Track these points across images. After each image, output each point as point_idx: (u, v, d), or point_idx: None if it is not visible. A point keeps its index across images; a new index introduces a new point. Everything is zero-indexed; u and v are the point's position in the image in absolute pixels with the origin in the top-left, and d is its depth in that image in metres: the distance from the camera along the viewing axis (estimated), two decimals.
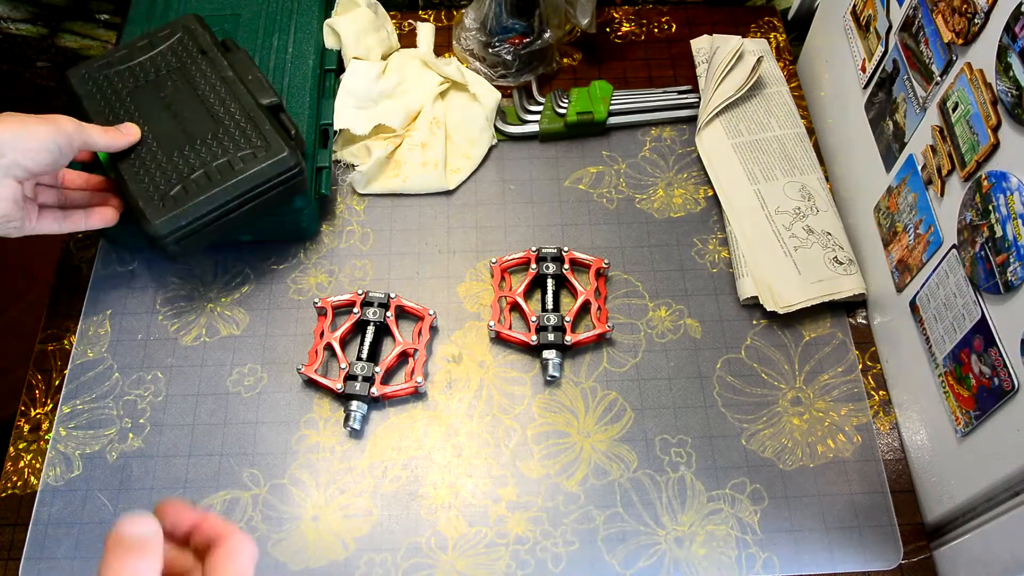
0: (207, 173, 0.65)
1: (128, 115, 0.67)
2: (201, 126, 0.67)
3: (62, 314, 0.73)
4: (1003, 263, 0.52)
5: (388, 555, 0.63)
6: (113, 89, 0.69)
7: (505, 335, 0.71)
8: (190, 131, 0.67)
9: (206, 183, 0.64)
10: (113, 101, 0.68)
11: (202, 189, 0.64)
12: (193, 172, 0.65)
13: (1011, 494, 0.55)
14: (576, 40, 0.90)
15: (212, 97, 0.68)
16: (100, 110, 0.68)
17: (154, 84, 0.69)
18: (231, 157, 0.66)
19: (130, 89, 0.69)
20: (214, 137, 0.66)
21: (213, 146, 0.66)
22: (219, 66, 0.70)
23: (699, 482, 0.66)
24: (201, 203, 0.64)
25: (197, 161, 0.65)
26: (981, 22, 0.54)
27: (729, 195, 0.78)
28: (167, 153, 0.66)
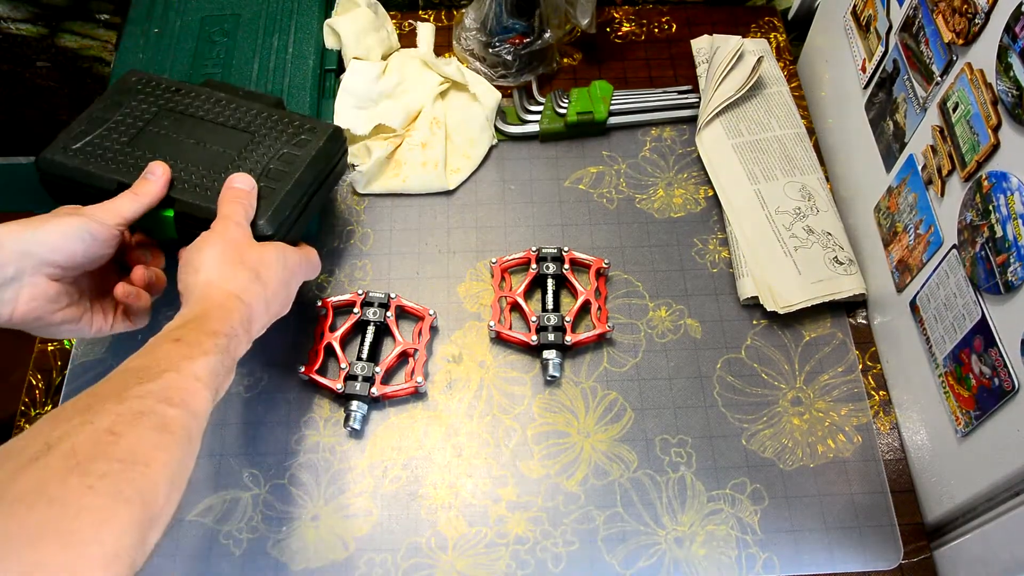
0: (275, 169, 0.63)
1: (144, 160, 0.62)
2: (233, 139, 0.65)
3: None
4: (1003, 263, 0.52)
5: (388, 555, 0.63)
6: (106, 148, 0.63)
7: (505, 335, 0.71)
8: (225, 149, 0.64)
9: (282, 175, 0.62)
10: (116, 158, 0.63)
11: (283, 180, 0.62)
12: (260, 174, 0.62)
13: (1011, 494, 0.55)
14: (576, 40, 0.90)
15: (221, 116, 0.66)
16: (108, 170, 0.62)
17: (148, 130, 0.65)
18: (286, 148, 0.64)
19: (125, 142, 0.64)
20: (252, 144, 0.65)
21: (260, 149, 0.64)
22: (203, 93, 0.67)
23: (699, 482, 0.66)
24: (292, 191, 0.62)
25: (257, 165, 0.63)
26: (981, 22, 0.54)
27: (729, 195, 0.78)
28: (219, 171, 0.62)
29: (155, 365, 0.46)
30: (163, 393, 0.44)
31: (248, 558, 0.63)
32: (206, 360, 0.48)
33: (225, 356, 0.50)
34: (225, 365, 0.50)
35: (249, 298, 0.54)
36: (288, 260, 0.59)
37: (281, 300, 0.58)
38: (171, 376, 0.45)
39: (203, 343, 0.48)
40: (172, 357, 0.47)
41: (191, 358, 0.47)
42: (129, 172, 0.61)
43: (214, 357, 0.48)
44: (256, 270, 0.55)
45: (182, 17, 0.81)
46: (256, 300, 0.54)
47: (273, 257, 0.57)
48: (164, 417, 0.43)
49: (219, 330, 0.50)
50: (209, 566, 0.63)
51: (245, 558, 0.63)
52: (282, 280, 0.58)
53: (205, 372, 0.47)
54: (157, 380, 0.45)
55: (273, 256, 0.57)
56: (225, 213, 0.57)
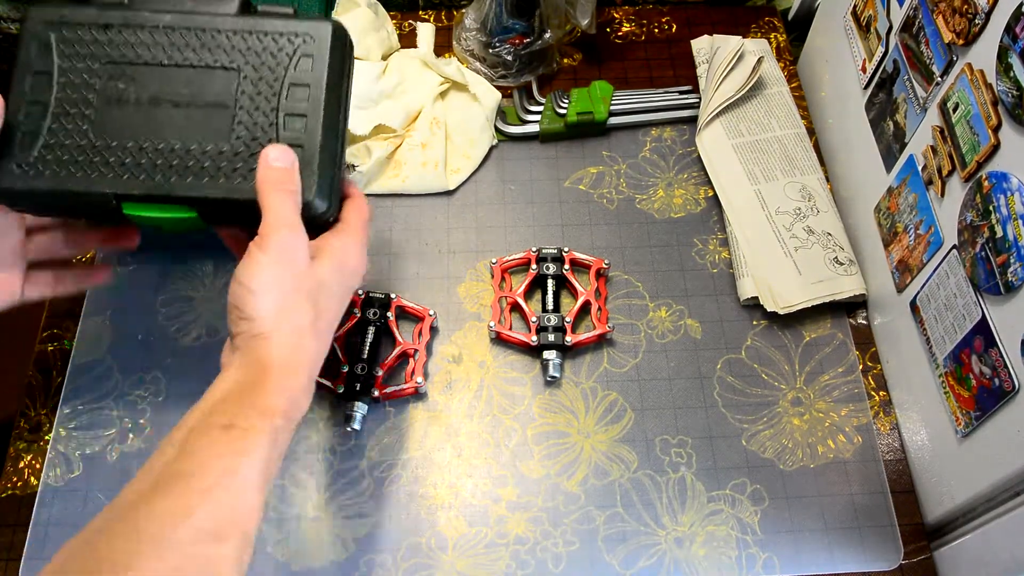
0: (290, 114, 0.50)
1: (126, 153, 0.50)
2: (217, 84, 0.50)
3: (62, 314, 0.73)
4: (1003, 264, 0.52)
5: (388, 555, 0.63)
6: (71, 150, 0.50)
7: (505, 335, 0.71)
8: (216, 102, 0.50)
9: (304, 120, 0.50)
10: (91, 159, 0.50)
11: (311, 128, 0.50)
12: (275, 126, 0.50)
13: (1011, 494, 0.55)
14: (576, 40, 0.90)
15: (186, 53, 0.51)
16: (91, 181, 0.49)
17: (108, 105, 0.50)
18: (290, 78, 0.50)
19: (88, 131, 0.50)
20: (244, 84, 0.50)
21: (258, 88, 0.50)
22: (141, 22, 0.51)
23: (699, 482, 0.66)
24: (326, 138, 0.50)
25: (266, 114, 0.50)
26: (982, 23, 0.54)
27: (729, 195, 0.78)
28: (224, 138, 0.50)
29: (201, 471, 0.38)
30: (213, 526, 0.37)
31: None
32: (260, 453, 0.40)
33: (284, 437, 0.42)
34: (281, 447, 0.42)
35: (311, 347, 0.45)
36: (348, 263, 0.48)
37: (343, 309, 0.49)
38: (222, 495, 0.38)
39: (259, 428, 0.40)
40: (223, 457, 0.39)
41: (246, 453, 0.39)
42: (117, 174, 0.49)
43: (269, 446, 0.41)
44: (314, 299, 0.46)
45: None
46: (316, 343, 0.46)
47: (331, 275, 0.47)
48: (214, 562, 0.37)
49: (277, 406, 0.42)
50: None
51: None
52: (343, 297, 0.49)
53: (259, 468, 0.39)
54: (205, 504, 0.37)
55: (331, 274, 0.47)
56: (273, 215, 0.46)
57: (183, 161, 0.50)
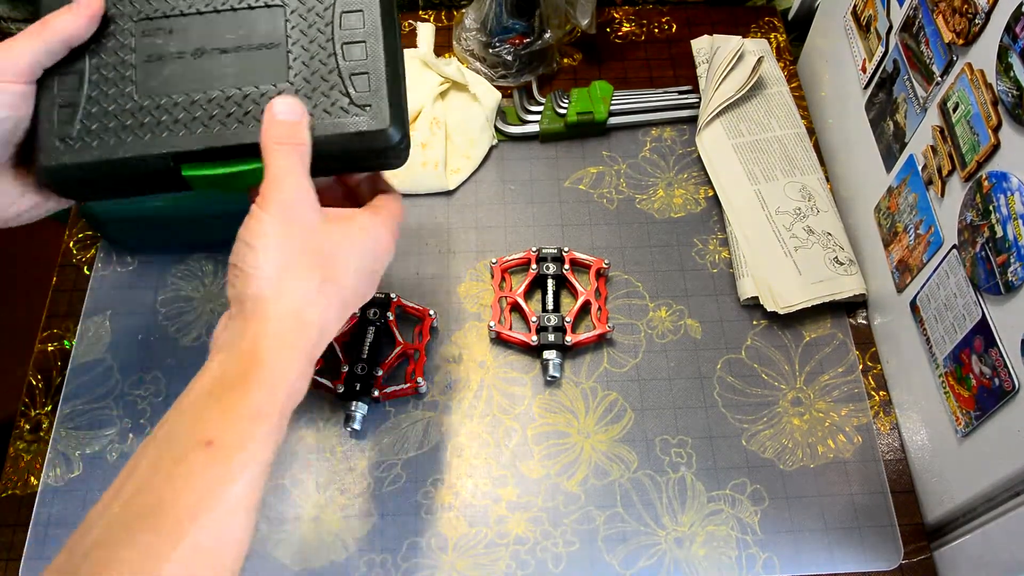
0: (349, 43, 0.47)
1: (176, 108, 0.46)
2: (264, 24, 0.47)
3: (62, 314, 0.73)
4: (1004, 263, 0.52)
5: (388, 555, 0.63)
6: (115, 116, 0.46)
7: (505, 335, 0.71)
8: (267, 43, 0.47)
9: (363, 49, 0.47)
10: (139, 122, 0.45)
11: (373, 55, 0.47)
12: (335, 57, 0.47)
13: (1011, 494, 0.55)
14: (576, 40, 0.90)
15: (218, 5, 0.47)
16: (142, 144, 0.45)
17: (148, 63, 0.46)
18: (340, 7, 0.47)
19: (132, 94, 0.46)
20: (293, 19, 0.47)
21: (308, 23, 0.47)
22: None
23: (699, 482, 0.66)
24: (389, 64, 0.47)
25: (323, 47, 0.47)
26: (982, 22, 0.53)
27: (729, 195, 0.78)
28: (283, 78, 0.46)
29: (172, 504, 0.32)
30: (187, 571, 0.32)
31: (248, 559, 0.63)
32: (249, 472, 0.34)
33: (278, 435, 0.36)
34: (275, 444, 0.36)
35: (312, 314, 0.39)
36: (375, 243, 0.43)
37: (361, 297, 0.43)
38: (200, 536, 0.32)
39: (245, 442, 0.34)
40: (204, 481, 0.33)
41: (230, 479, 0.33)
42: (172, 132, 0.45)
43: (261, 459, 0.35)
44: (327, 264, 0.40)
45: None
46: (328, 313, 0.40)
47: (352, 242, 0.42)
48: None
49: (268, 409, 0.35)
50: None
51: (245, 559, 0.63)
52: (366, 269, 0.43)
53: (247, 489, 0.34)
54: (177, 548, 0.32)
55: (352, 240, 0.42)
56: (276, 169, 0.41)
57: (241, 107, 0.46)
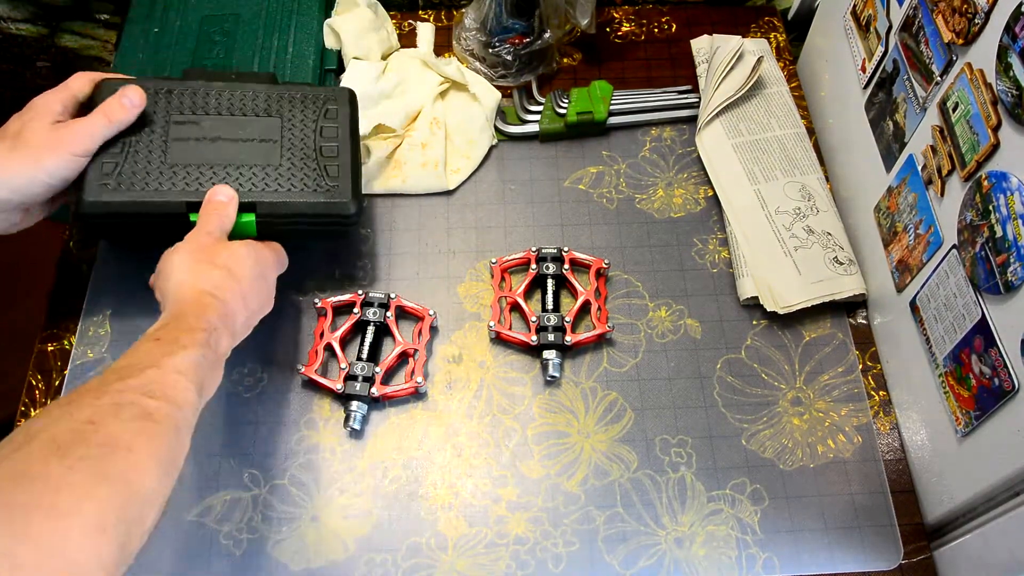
0: (326, 146, 0.65)
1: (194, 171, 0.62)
2: (264, 127, 0.65)
3: (62, 314, 0.73)
4: (1003, 263, 0.52)
5: (388, 555, 0.63)
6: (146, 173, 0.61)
7: (505, 335, 0.71)
8: (264, 138, 0.64)
9: (335, 150, 0.65)
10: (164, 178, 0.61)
11: (342, 155, 0.65)
12: (314, 154, 0.65)
13: (1011, 494, 0.55)
14: (576, 40, 0.90)
15: (235, 107, 0.65)
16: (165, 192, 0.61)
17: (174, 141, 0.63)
18: (321, 122, 0.66)
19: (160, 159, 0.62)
20: (285, 126, 0.65)
21: (296, 130, 0.65)
22: (198, 88, 0.65)
23: (699, 482, 0.66)
24: (353, 161, 0.66)
25: (304, 146, 0.65)
26: (981, 22, 0.54)
27: (729, 195, 0.78)
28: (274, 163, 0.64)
29: (136, 364, 0.47)
30: (144, 388, 0.45)
31: (248, 558, 0.63)
32: (186, 355, 0.49)
33: (207, 351, 0.50)
34: (208, 359, 0.50)
35: (224, 294, 0.54)
36: (260, 255, 0.60)
37: (259, 295, 0.59)
38: (152, 372, 0.46)
39: (181, 339, 0.49)
40: (153, 355, 0.48)
41: (171, 354, 0.48)
42: (187, 187, 0.61)
43: (194, 351, 0.49)
44: (228, 268, 0.56)
45: (182, 17, 0.81)
46: (232, 296, 0.55)
47: (244, 253, 0.58)
48: (145, 408, 0.44)
49: (196, 326, 0.51)
50: (209, 566, 0.63)
51: (245, 558, 0.63)
52: (257, 274, 0.59)
53: (187, 366, 0.48)
54: (138, 376, 0.46)
55: (244, 252, 0.58)
56: (199, 224, 0.59)
57: (243, 175, 0.63)
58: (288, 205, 0.63)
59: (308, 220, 0.64)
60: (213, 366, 0.52)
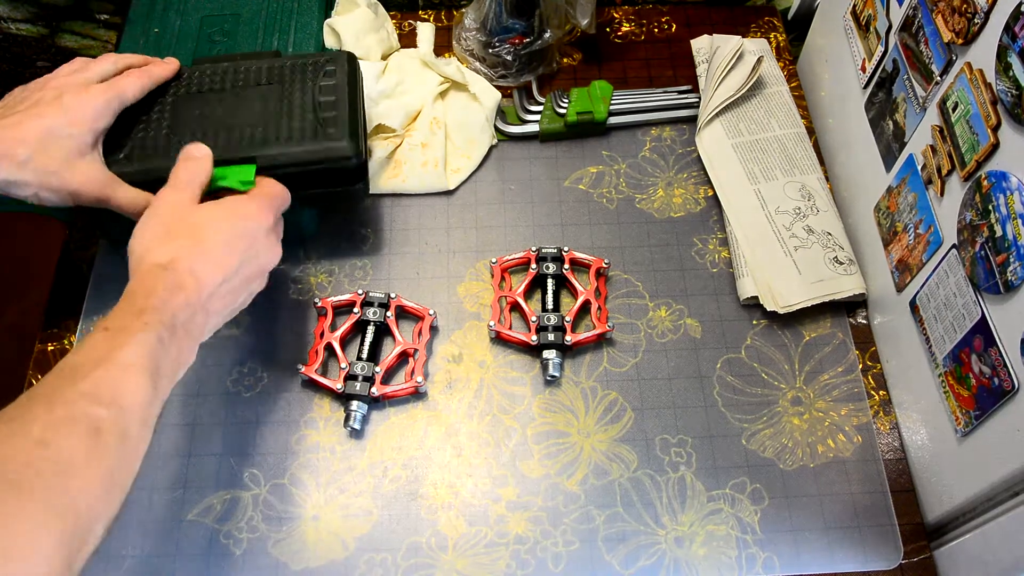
0: (324, 101, 0.67)
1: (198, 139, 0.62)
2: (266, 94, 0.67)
3: (62, 314, 0.73)
4: (1003, 263, 0.52)
5: (388, 555, 0.63)
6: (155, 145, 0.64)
7: (505, 335, 0.71)
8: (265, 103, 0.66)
9: (333, 104, 0.67)
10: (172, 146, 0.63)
11: (339, 106, 0.66)
12: (312, 111, 0.66)
13: (1011, 494, 0.55)
14: (576, 40, 0.90)
15: (239, 80, 0.68)
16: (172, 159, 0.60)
17: (181, 116, 0.66)
18: (321, 82, 0.68)
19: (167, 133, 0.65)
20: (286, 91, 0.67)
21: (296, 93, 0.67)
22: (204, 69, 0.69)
23: (699, 482, 0.66)
24: (351, 110, 0.67)
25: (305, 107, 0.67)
26: (981, 22, 0.54)
27: (729, 195, 0.78)
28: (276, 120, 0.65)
29: (86, 361, 0.45)
30: (93, 392, 0.43)
31: (248, 558, 0.63)
32: (136, 343, 0.46)
33: (162, 331, 0.48)
34: (163, 340, 0.47)
35: (181, 263, 0.51)
36: (237, 209, 0.56)
37: (244, 252, 0.55)
38: (100, 373, 0.44)
39: (130, 326, 0.47)
40: (101, 349, 0.46)
41: (121, 346, 0.46)
42: None
43: (146, 336, 0.46)
44: (193, 234, 0.53)
45: (182, 17, 0.81)
46: (195, 264, 0.51)
47: (214, 212, 0.55)
48: (95, 419, 0.42)
49: (146, 306, 0.48)
50: (209, 566, 0.63)
51: (245, 558, 0.63)
52: (234, 234, 0.54)
53: (137, 356, 0.46)
54: (87, 378, 0.44)
55: (214, 211, 0.55)
56: (172, 179, 0.57)
57: (244, 137, 0.65)
58: (287, 155, 0.64)
59: (308, 169, 0.65)
60: (173, 344, 0.48)
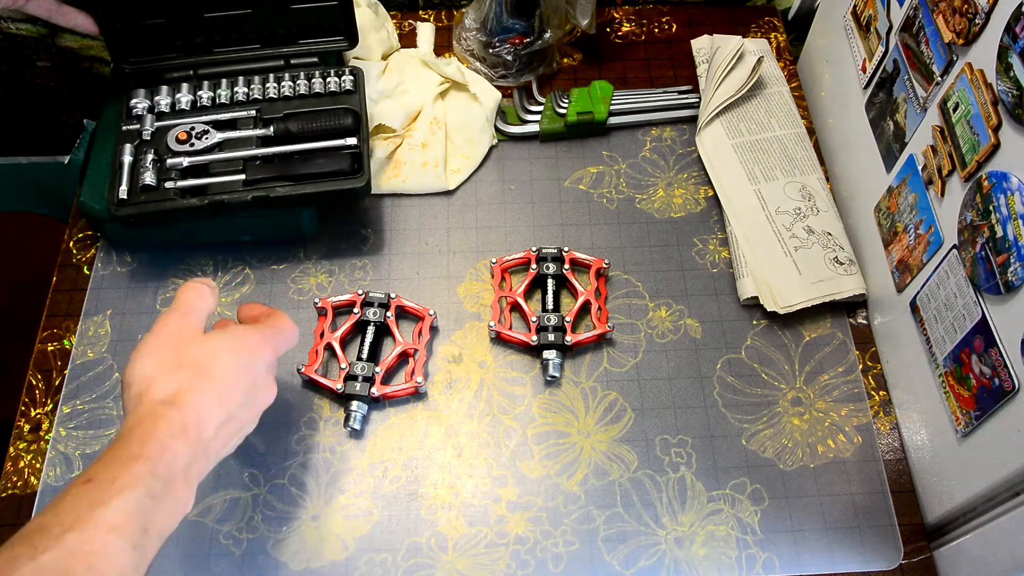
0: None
1: None
2: None
3: (62, 314, 0.73)
4: (1003, 263, 0.52)
5: (388, 555, 0.63)
6: None
7: (505, 335, 0.71)
8: None
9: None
10: None
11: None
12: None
13: (1011, 494, 0.55)
14: (576, 40, 0.90)
15: None
16: None
17: None
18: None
19: None
20: None
21: None
22: None
23: (699, 482, 0.66)
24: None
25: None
26: (982, 22, 0.54)
27: (729, 195, 0.78)
28: None
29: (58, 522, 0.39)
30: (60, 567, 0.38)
31: (248, 558, 0.63)
32: (121, 500, 0.41)
33: (155, 483, 0.43)
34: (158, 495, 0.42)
35: (187, 400, 0.47)
36: (243, 341, 0.52)
37: (245, 390, 0.51)
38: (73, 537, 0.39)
39: (119, 478, 0.41)
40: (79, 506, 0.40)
41: (102, 503, 0.40)
42: None
43: (133, 492, 0.41)
44: (199, 365, 0.49)
45: None
46: (200, 399, 0.47)
47: (221, 345, 0.51)
48: None
49: (139, 453, 0.43)
50: (209, 566, 0.63)
51: (245, 558, 0.63)
52: (239, 367, 0.51)
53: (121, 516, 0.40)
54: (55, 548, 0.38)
55: (220, 343, 0.51)
56: (174, 302, 0.53)
57: None
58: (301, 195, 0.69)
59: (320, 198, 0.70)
60: (173, 496, 0.44)
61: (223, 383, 0.49)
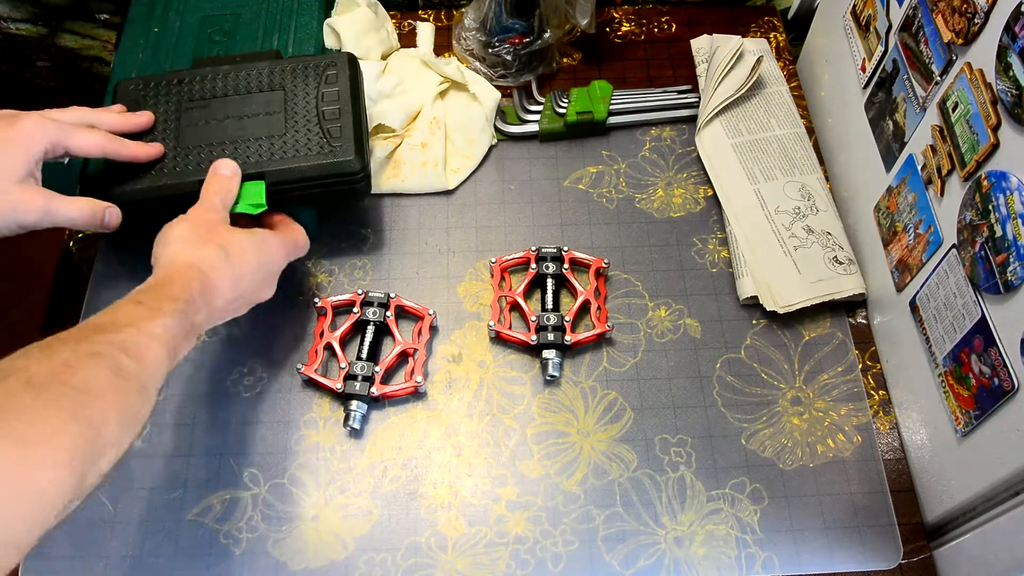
0: (328, 109, 0.68)
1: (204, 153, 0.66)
2: (269, 101, 0.68)
3: (62, 314, 0.73)
4: (1003, 263, 0.52)
5: (388, 555, 0.63)
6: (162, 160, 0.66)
7: (505, 335, 0.71)
8: (269, 112, 0.68)
9: (338, 112, 0.68)
10: (177, 161, 0.65)
11: (344, 116, 0.67)
12: (316, 120, 0.67)
13: (1011, 494, 0.55)
14: (576, 40, 0.90)
15: (241, 86, 0.69)
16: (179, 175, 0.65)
17: (185, 128, 0.67)
18: (323, 88, 0.69)
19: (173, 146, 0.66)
20: (289, 97, 0.68)
21: (299, 99, 0.68)
22: (205, 74, 0.69)
23: (699, 482, 0.66)
24: (356, 121, 0.68)
25: (308, 113, 0.68)
26: (981, 22, 0.54)
27: (729, 195, 0.78)
28: (281, 133, 0.66)
29: (116, 322, 0.49)
30: (121, 344, 0.47)
31: (248, 558, 0.63)
32: (164, 321, 0.50)
33: (183, 320, 0.52)
34: (183, 328, 0.52)
35: (212, 272, 0.56)
36: (264, 244, 0.61)
37: (256, 281, 0.60)
38: (130, 331, 0.48)
39: (163, 307, 0.51)
40: (132, 316, 0.50)
41: (151, 319, 0.50)
42: (199, 167, 0.65)
43: (172, 319, 0.51)
44: (225, 248, 0.57)
45: (182, 17, 0.81)
46: (220, 275, 0.56)
47: (245, 240, 0.59)
48: (119, 363, 0.46)
49: (179, 296, 0.53)
50: (209, 566, 0.63)
51: (245, 558, 0.63)
52: (257, 263, 0.60)
53: (162, 331, 0.50)
54: (117, 333, 0.48)
55: (245, 239, 0.59)
56: (202, 199, 0.61)
57: (250, 148, 0.66)
58: (295, 171, 0.65)
59: (316, 183, 0.66)
60: (187, 335, 0.53)
61: (241, 270, 0.58)
